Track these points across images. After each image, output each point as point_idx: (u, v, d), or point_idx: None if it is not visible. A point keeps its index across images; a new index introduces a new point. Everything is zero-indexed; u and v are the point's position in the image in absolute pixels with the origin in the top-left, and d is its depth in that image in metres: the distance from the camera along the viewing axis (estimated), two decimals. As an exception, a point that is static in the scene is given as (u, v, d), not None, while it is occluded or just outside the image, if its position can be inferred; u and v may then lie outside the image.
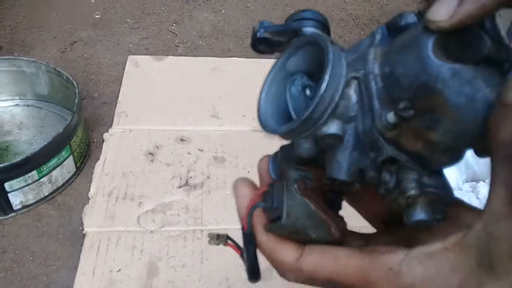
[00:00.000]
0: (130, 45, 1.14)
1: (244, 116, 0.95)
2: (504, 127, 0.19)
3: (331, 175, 0.23)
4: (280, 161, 0.27)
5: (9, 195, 0.72)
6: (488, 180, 0.76)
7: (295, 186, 0.25)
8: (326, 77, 0.22)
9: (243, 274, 0.71)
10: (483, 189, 0.74)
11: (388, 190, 0.23)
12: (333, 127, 0.22)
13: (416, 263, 0.21)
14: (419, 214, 0.22)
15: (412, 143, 0.21)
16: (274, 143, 0.32)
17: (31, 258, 0.69)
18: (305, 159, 0.24)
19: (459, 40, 0.20)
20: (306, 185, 0.25)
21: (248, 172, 0.82)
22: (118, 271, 0.66)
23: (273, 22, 0.27)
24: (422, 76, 0.20)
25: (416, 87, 0.20)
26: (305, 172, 0.25)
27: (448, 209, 0.22)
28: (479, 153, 0.22)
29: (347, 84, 0.22)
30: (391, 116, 0.21)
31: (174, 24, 1.24)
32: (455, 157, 0.22)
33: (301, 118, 0.23)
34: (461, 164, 0.80)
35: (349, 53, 0.23)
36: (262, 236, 0.26)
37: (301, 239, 0.25)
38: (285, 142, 0.28)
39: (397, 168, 0.22)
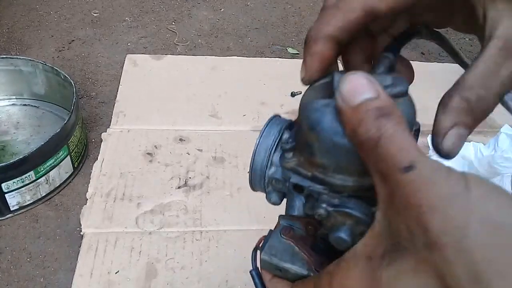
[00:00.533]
0: (129, 44, 1.14)
1: (244, 115, 0.94)
2: (346, 127, 0.23)
3: (287, 212, 0.29)
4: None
5: (6, 195, 0.71)
6: (491, 180, 0.75)
7: (280, 230, 0.30)
8: (260, 137, 0.30)
9: (243, 276, 0.71)
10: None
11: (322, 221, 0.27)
12: (275, 173, 0.29)
13: (342, 264, 0.24)
14: (338, 232, 0.26)
15: (309, 170, 0.27)
16: None
17: (28, 259, 0.69)
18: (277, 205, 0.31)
19: (321, 84, 0.28)
20: (293, 232, 0.30)
21: (248, 172, 0.81)
22: (116, 273, 0.65)
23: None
24: (298, 117, 0.27)
25: (297, 125, 0.28)
26: (292, 221, 0.30)
27: None
28: None
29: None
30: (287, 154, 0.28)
31: (173, 23, 1.23)
32: (357, 178, 0.26)
33: (250, 167, 0.30)
34: (464, 164, 0.79)
35: None
36: (266, 277, 0.30)
37: (291, 279, 0.30)
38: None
39: (317, 199, 0.27)
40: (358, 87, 0.22)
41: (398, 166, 0.21)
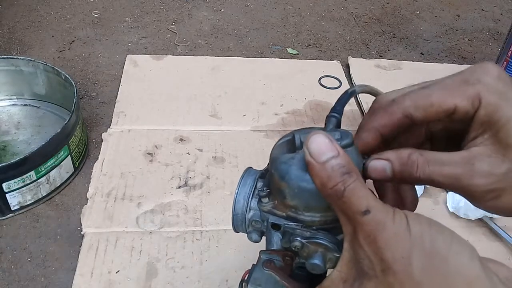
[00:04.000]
0: (129, 44, 1.14)
1: (244, 115, 0.94)
2: (315, 180, 0.29)
3: (267, 248, 0.34)
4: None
5: (7, 195, 0.72)
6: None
7: (262, 263, 0.35)
8: (238, 187, 0.35)
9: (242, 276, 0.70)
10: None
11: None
12: (254, 216, 0.34)
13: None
14: (312, 259, 0.31)
15: (284, 211, 0.32)
16: (273, 143, 0.35)
17: (29, 259, 0.69)
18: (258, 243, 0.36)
19: (285, 141, 0.34)
20: (274, 264, 0.35)
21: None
22: (116, 272, 0.65)
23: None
24: (270, 167, 0.33)
25: (269, 175, 0.33)
26: (271, 255, 0.36)
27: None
28: None
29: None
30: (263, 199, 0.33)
31: (174, 23, 1.23)
32: (322, 214, 0.31)
33: (232, 213, 0.35)
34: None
35: None
36: None
37: None
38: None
39: (292, 233, 0.32)
40: (322, 146, 0.28)
41: (358, 210, 0.27)
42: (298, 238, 0.32)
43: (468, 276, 0.25)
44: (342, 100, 0.35)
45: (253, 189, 0.35)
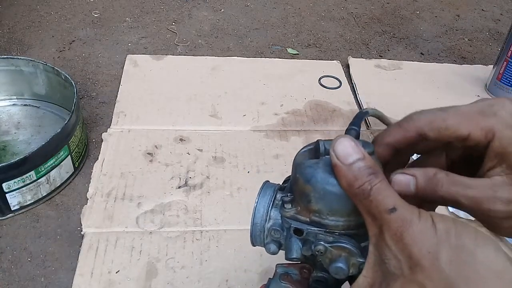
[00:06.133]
0: (129, 44, 1.14)
1: (244, 115, 0.94)
2: (341, 181, 0.29)
3: (286, 257, 0.34)
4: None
5: (7, 195, 0.72)
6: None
7: (279, 276, 0.36)
8: (258, 197, 0.35)
9: (242, 276, 0.71)
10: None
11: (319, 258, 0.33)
12: (273, 225, 0.34)
13: None
14: (336, 263, 0.32)
15: (307, 216, 0.32)
16: (273, 143, 0.36)
17: (29, 259, 0.69)
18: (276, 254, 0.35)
19: (307, 150, 0.35)
20: (290, 277, 0.36)
21: (248, 172, 0.82)
22: (116, 272, 0.65)
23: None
24: (293, 173, 0.34)
25: (291, 181, 0.34)
26: (288, 268, 0.36)
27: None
28: None
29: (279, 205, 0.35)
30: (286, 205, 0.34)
31: (174, 23, 1.23)
32: (346, 218, 0.31)
33: (251, 223, 0.35)
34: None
35: None
36: None
37: None
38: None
39: (315, 239, 0.32)
40: (349, 149, 0.29)
41: (385, 209, 0.28)
42: (322, 242, 0.32)
43: (496, 267, 0.26)
44: (359, 116, 0.37)
45: (273, 200, 0.35)
